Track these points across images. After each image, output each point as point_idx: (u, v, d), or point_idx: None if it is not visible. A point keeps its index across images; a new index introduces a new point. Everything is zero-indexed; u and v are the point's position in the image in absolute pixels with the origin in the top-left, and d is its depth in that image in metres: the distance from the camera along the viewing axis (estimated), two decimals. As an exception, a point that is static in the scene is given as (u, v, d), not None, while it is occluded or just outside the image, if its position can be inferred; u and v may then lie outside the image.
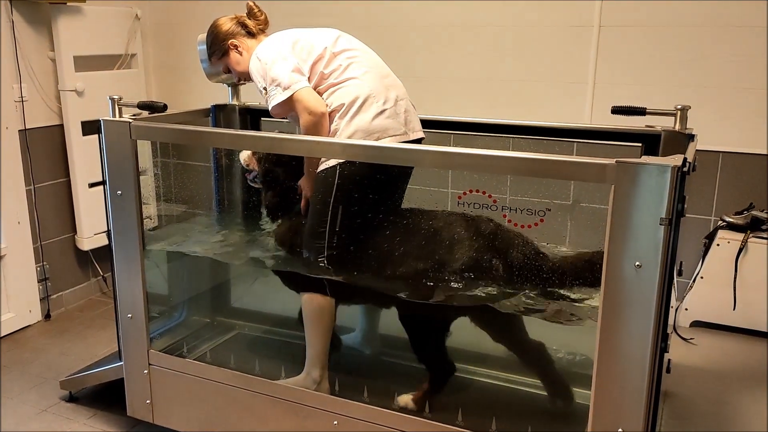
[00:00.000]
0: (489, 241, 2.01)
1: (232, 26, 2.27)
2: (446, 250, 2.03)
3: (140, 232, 2.20)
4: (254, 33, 2.29)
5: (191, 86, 3.75)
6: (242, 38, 2.28)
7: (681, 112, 2.07)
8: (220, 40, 2.28)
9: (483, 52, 3.15)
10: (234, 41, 2.27)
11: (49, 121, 3.40)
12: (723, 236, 2.83)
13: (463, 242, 2.02)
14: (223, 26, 2.28)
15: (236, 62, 2.28)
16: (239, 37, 2.27)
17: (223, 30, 2.27)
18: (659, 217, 1.50)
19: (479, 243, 2.01)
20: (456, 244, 2.03)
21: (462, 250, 2.01)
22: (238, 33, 2.27)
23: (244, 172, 2.47)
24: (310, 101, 2.06)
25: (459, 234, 2.03)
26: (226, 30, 2.27)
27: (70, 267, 3.60)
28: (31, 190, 3.33)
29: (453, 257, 2.02)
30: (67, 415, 2.60)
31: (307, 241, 2.16)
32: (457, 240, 2.03)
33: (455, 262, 2.01)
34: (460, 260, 2.00)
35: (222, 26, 2.28)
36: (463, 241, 2.02)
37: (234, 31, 2.27)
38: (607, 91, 2.98)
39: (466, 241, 2.02)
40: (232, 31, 2.27)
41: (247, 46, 2.27)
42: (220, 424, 2.26)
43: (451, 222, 2.07)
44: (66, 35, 3.28)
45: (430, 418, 1.96)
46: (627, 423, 1.63)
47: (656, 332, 1.57)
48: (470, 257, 2.00)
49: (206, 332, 2.77)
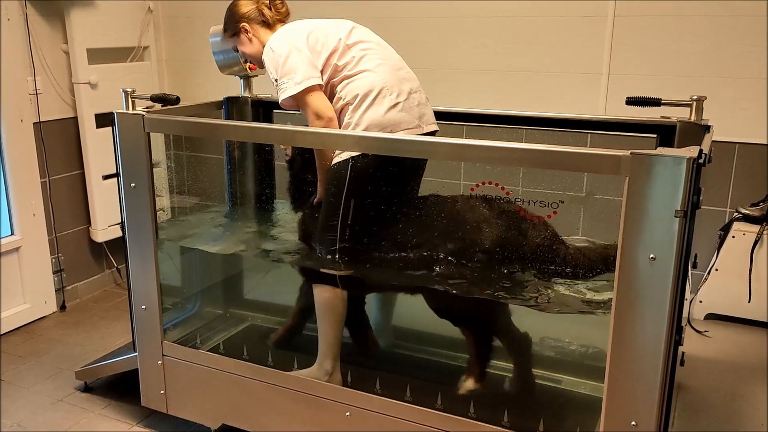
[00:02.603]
0: (509, 226, 2.00)
1: (251, 11, 2.28)
2: (466, 235, 2.02)
3: (154, 224, 2.21)
4: (270, 23, 2.28)
5: (203, 79, 3.75)
6: (256, 25, 2.28)
7: (696, 102, 2.05)
8: (235, 20, 2.29)
9: (496, 43, 3.14)
10: (246, 25, 2.27)
11: (63, 114, 3.42)
12: (738, 228, 2.81)
13: (482, 227, 2.01)
14: (242, 8, 2.29)
15: (244, 45, 2.31)
16: (253, 24, 2.28)
17: (240, 11, 2.29)
18: (674, 209, 1.49)
19: (500, 228, 1.99)
20: (475, 228, 2.02)
21: (482, 234, 2.00)
22: (254, 19, 2.28)
23: (284, 155, 2.46)
24: (320, 106, 2.06)
25: (478, 218, 2.02)
26: (243, 12, 2.28)
27: (85, 259, 3.63)
28: (45, 182, 3.35)
29: (472, 243, 2.01)
30: (82, 405, 2.63)
31: (320, 234, 2.17)
32: (476, 224, 2.02)
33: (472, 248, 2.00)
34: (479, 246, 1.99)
35: (241, 7, 2.29)
36: (481, 226, 2.01)
37: (251, 15, 2.28)
38: (621, 82, 2.95)
39: (485, 226, 2.01)
40: (249, 15, 2.27)
41: (258, 34, 2.27)
42: (233, 415, 2.28)
43: (471, 206, 2.06)
44: (79, 28, 3.30)
45: (441, 410, 1.96)
46: (640, 416, 1.63)
47: (670, 325, 1.56)
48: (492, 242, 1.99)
49: (219, 323, 2.78)
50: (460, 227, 2.05)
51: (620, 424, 1.66)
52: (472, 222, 2.03)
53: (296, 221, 2.46)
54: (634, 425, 1.63)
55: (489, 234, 2.00)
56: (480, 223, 2.02)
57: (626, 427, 1.65)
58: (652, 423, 1.62)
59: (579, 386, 2.24)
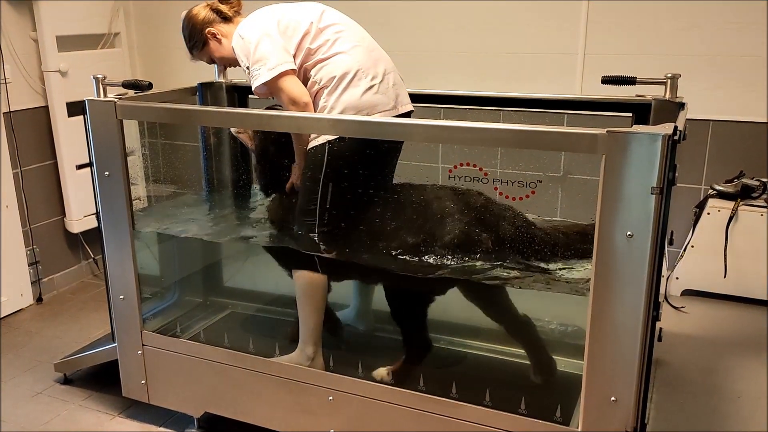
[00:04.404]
0: (479, 213, 2.01)
1: (207, 14, 2.21)
2: (437, 223, 2.03)
3: (129, 213, 2.19)
4: (230, 17, 2.23)
5: (176, 65, 3.70)
6: (219, 25, 2.21)
7: (671, 80, 2.06)
8: (198, 30, 2.22)
9: (471, 24, 3.12)
10: (211, 29, 2.21)
11: (33, 103, 3.35)
12: (713, 205, 2.85)
13: (454, 215, 2.02)
14: (197, 16, 2.22)
15: (216, 50, 2.23)
16: (216, 24, 2.21)
17: (198, 20, 2.21)
18: (650, 186, 1.50)
19: (469, 216, 2.00)
20: (446, 217, 2.02)
21: (452, 223, 2.01)
22: (214, 20, 2.21)
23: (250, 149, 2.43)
24: (294, 90, 2.03)
25: (449, 207, 2.03)
26: (202, 19, 2.21)
27: (61, 250, 3.58)
28: (18, 173, 3.29)
29: (443, 231, 2.02)
30: (62, 397, 2.60)
31: (298, 219, 2.15)
32: (447, 213, 2.03)
33: (446, 235, 2.01)
34: (450, 234, 2.00)
35: (197, 16, 2.22)
36: (453, 215, 2.02)
37: (209, 18, 2.21)
38: (597, 62, 2.96)
39: (456, 215, 2.02)
40: (208, 19, 2.21)
41: (225, 32, 2.21)
42: (215, 403, 2.27)
43: (441, 196, 2.07)
44: (48, 14, 3.23)
45: (424, 391, 1.97)
46: (619, 391, 1.65)
47: (648, 301, 1.58)
48: (461, 230, 2.00)
49: (199, 312, 2.77)
50: (429, 216, 2.05)
51: (600, 399, 1.68)
52: (440, 212, 2.04)
53: (267, 207, 2.43)
54: (614, 400, 1.66)
55: (456, 224, 2.01)
56: (447, 215, 2.02)
57: (606, 403, 1.67)
58: (632, 398, 1.64)
59: (559, 364, 2.26)
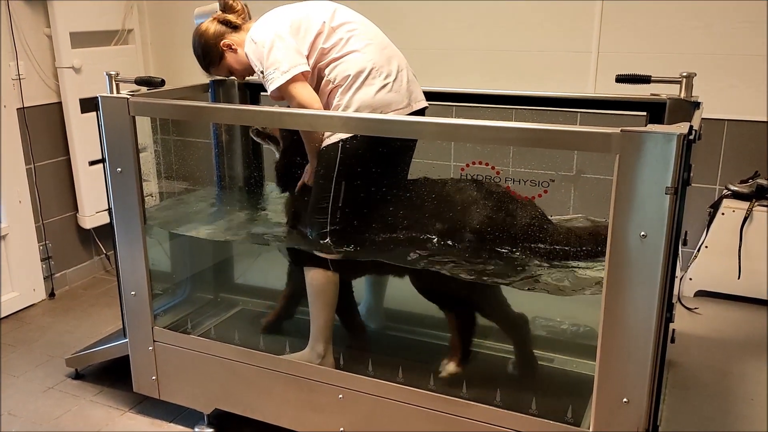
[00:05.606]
0: (498, 207, 1.99)
1: (217, 27, 2.20)
2: (454, 217, 2.01)
3: (141, 209, 2.19)
4: (239, 25, 2.21)
5: (189, 62, 3.67)
6: (231, 35, 2.19)
7: (686, 79, 2.04)
8: (212, 45, 2.20)
9: (484, 22, 3.11)
10: (225, 41, 2.19)
11: (47, 99, 3.37)
12: (728, 205, 2.82)
13: (471, 209, 2.00)
14: (208, 31, 2.20)
15: (234, 61, 2.21)
16: (228, 36, 2.19)
17: (210, 35, 2.20)
18: (665, 186, 1.48)
19: (489, 209, 1.99)
20: (464, 210, 2.01)
21: (470, 216, 2.00)
22: (225, 32, 2.19)
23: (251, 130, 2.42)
24: (305, 99, 2.01)
25: (467, 200, 2.01)
26: (213, 33, 2.19)
27: (73, 245, 3.60)
28: (31, 168, 3.31)
29: (460, 225, 2.00)
30: (73, 393, 2.62)
31: (310, 217, 2.15)
32: (465, 206, 2.01)
33: (462, 230, 1.99)
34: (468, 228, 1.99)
35: (207, 32, 2.20)
36: (470, 208, 2.00)
37: (220, 31, 2.19)
38: (611, 60, 2.94)
39: (473, 208, 2.00)
40: (220, 32, 2.19)
41: (239, 41, 2.19)
42: (225, 399, 2.28)
43: (460, 188, 2.05)
44: (61, 11, 3.24)
45: (434, 390, 1.96)
46: (631, 393, 1.64)
47: (661, 302, 1.56)
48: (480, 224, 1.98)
49: (210, 308, 2.77)
50: (450, 209, 2.04)
51: (612, 401, 1.66)
52: (461, 204, 2.03)
53: (285, 204, 2.44)
54: (626, 402, 1.64)
55: (477, 215, 2.00)
56: (469, 205, 2.01)
57: (618, 404, 1.65)
58: (644, 400, 1.63)
59: (571, 365, 2.25)
